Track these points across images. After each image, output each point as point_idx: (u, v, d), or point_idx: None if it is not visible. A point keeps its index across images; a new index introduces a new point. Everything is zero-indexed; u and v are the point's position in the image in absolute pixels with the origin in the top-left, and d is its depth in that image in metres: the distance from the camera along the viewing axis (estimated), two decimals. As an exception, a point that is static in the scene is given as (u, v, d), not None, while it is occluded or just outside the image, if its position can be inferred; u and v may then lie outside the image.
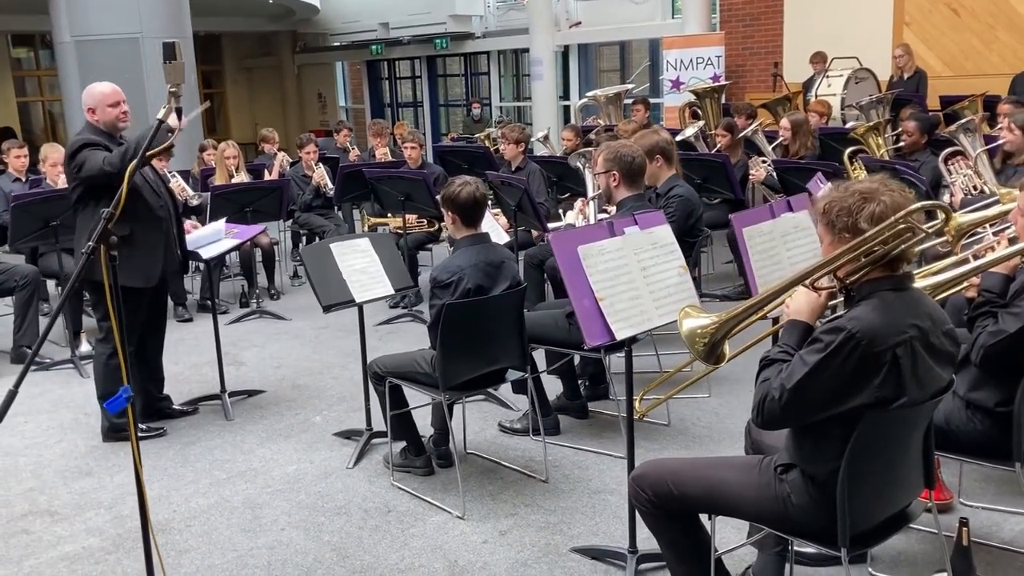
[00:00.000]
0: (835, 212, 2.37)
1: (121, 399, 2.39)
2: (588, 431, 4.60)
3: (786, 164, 6.31)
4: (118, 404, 2.39)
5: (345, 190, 7.64)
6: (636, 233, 3.09)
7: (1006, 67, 10.20)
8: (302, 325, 6.95)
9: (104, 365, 4.53)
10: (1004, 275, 2.94)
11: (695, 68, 12.60)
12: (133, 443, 2.51)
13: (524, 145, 7.05)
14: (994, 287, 2.93)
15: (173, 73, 2.45)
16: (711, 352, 2.58)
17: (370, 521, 3.77)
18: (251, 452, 4.55)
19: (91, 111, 4.38)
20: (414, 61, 19.01)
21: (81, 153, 4.24)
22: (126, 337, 4.58)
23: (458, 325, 3.66)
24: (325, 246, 4.34)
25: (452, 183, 3.78)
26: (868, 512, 2.42)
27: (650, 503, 2.70)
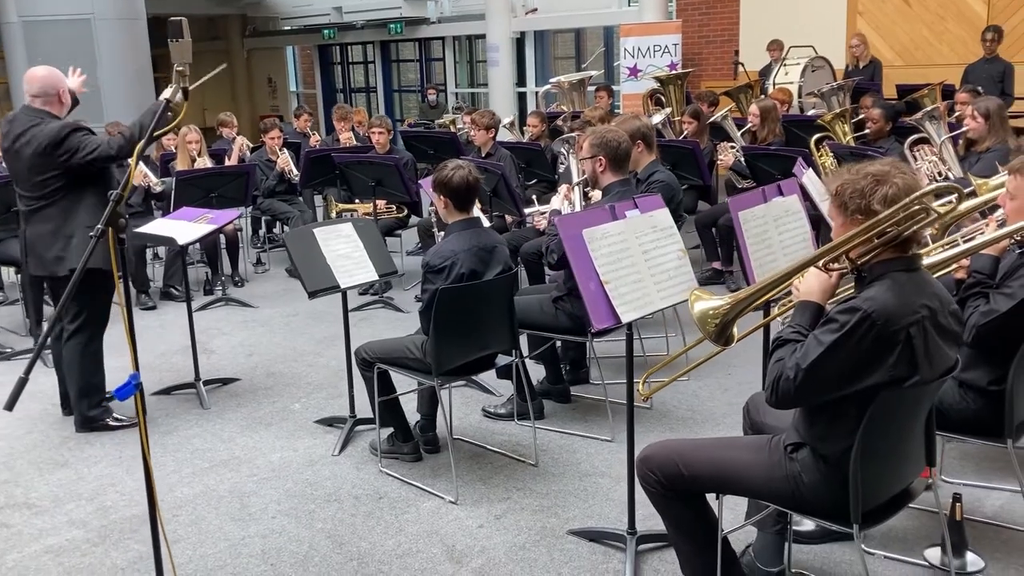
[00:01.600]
0: (848, 194, 2.41)
1: (130, 386, 2.33)
2: (572, 415, 4.62)
3: (756, 150, 6.39)
4: (127, 391, 2.33)
5: (311, 175, 7.54)
6: (637, 217, 3.11)
7: (955, 57, 10.45)
8: (270, 312, 6.86)
9: (81, 355, 4.41)
10: (993, 256, 3.02)
11: (652, 56, 12.67)
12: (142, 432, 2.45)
13: (494, 131, 7.03)
14: (984, 268, 3.01)
15: (180, 52, 2.38)
16: (721, 333, 2.60)
17: (362, 508, 3.74)
18: (232, 441, 4.48)
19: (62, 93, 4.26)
20: (367, 46, 18.81)
21: (73, 138, 4.12)
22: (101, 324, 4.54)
23: (452, 310, 3.64)
24: (309, 231, 4.29)
25: (444, 167, 3.75)
26: (877, 490, 2.48)
27: (659, 484, 2.72)
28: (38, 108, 4.27)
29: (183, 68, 2.40)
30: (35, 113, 4.28)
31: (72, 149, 4.14)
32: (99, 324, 4.50)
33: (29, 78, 4.30)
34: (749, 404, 3.11)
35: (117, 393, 2.38)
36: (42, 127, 4.17)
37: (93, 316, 4.43)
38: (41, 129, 4.18)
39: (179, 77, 2.40)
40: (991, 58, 9.15)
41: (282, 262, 8.43)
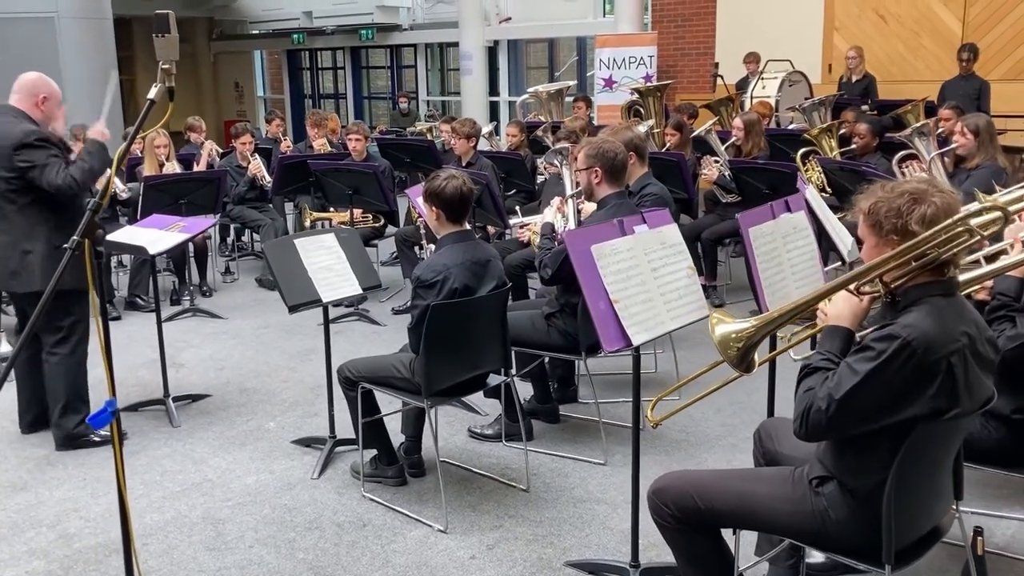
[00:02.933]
0: (883, 213, 2.27)
1: (106, 413, 2.11)
2: (561, 436, 4.45)
3: (743, 164, 6.28)
4: (103, 419, 2.11)
5: (284, 182, 7.30)
6: (646, 232, 2.95)
7: (930, 74, 10.48)
8: (240, 324, 6.60)
9: (65, 370, 4.16)
10: (1019, 278, 2.90)
11: (628, 67, 12.60)
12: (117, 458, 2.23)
13: (475, 140, 6.85)
14: (1009, 290, 2.89)
15: (166, 48, 2.18)
16: (743, 358, 2.45)
17: (345, 536, 3.53)
18: (204, 462, 4.24)
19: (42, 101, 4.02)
20: (336, 52, 18.56)
21: (39, 151, 3.88)
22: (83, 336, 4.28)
23: (443, 327, 3.45)
24: (289, 242, 4.07)
25: (437, 176, 3.56)
26: (910, 527, 2.33)
27: (673, 518, 2.56)
28: (13, 105, 4.04)
29: (169, 66, 2.20)
30: (9, 110, 4.04)
31: (32, 162, 3.92)
32: (81, 337, 4.26)
33: (20, 79, 4.08)
34: (761, 431, 2.96)
35: (91, 421, 2.17)
36: (12, 126, 3.93)
37: (74, 330, 4.21)
38: (11, 128, 3.94)
39: (165, 75, 2.19)
40: (967, 75, 9.15)
41: (251, 271, 8.18)
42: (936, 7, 10.47)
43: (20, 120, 3.98)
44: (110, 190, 2.16)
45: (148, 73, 20.22)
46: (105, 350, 2.28)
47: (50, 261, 4.04)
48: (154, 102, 2.21)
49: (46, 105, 4.11)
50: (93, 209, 2.06)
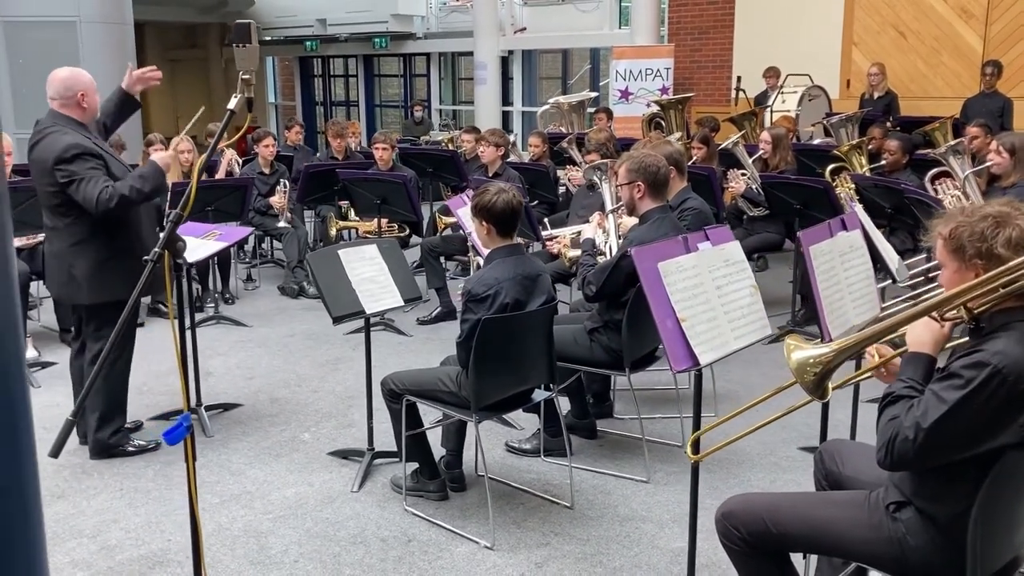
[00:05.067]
0: (966, 237, 2.24)
1: (181, 428, 2.08)
2: (600, 452, 4.41)
3: (774, 179, 6.25)
4: (178, 435, 2.08)
5: (309, 191, 7.28)
6: (709, 249, 2.92)
7: (949, 91, 10.48)
8: (266, 332, 6.57)
9: (104, 379, 4.11)
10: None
11: (644, 79, 12.61)
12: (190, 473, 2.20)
13: (504, 150, 6.83)
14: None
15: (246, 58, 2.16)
16: (819, 384, 2.40)
17: (391, 552, 3.49)
18: (241, 473, 4.20)
19: (81, 97, 3.99)
20: (348, 59, 18.57)
21: (78, 164, 3.84)
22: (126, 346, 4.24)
23: (493, 342, 3.42)
24: (333, 252, 4.04)
25: (486, 191, 3.53)
26: (993, 556, 2.29)
27: (743, 542, 2.52)
28: (57, 111, 4.01)
29: (249, 76, 2.18)
30: (55, 118, 4.01)
31: (71, 176, 3.87)
32: (124, 346, 4.22)
33: (50, 79, 4.03)
34: (823, 452, 2.92)
35: (167, 436, 2.13)
36: (55, 137, 3.89)
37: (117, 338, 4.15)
38: (53, 140, 3.90)
39: (244, 86, 2.17)
40: (990, 92, 9.16)
41: (273, 279, 8.15)
42: (957, 24, 10.47)
43: (66, 130, 3.94)
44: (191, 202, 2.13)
45: (159, 77, 20.22)
46: (182, 362, 2.25)
47: (96, 275, 4.01)
48: (234, 112, 2.18)
49: (87, 101, 4.07)
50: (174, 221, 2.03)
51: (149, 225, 4.35)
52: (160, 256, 2.05)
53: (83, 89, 4.00)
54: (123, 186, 3.92)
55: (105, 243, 4.02)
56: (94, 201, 3.87)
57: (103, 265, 4.02)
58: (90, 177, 3.90)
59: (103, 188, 3.87)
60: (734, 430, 2.99)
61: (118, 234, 4.06)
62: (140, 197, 3.98)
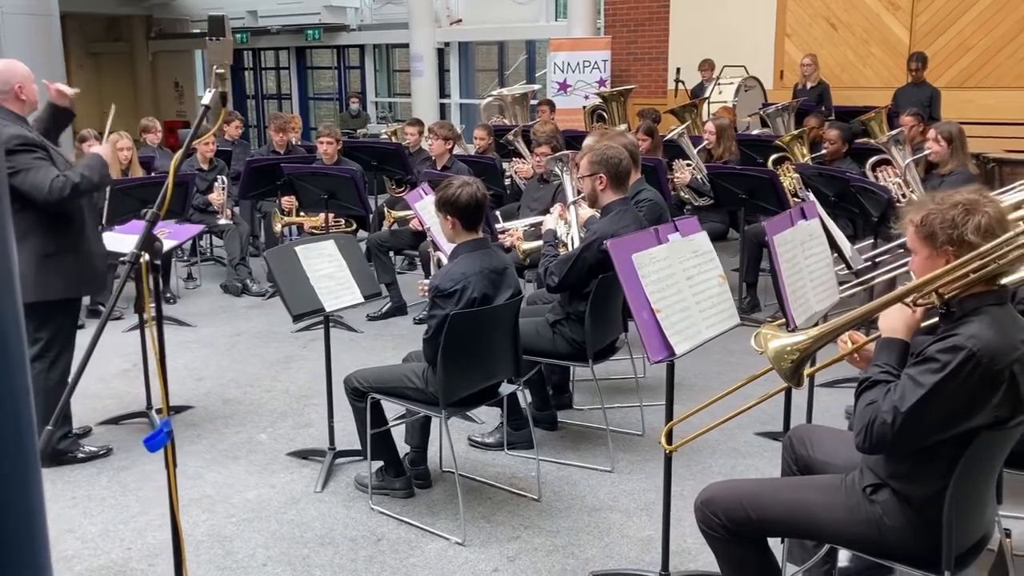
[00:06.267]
0: (937, 224, 2.29)
1: (161, 435, 2.02)
2: (563, 443, 4.43)
3: (720, 170, 6.34)
4: (158, 441, 2.02)
5: (252, 186, 7.13)
6: (679, 240, 2.94)
7: (878, 81, 10.77)
8: (211, 332, 6.43)
9: (45, 384, 3.95)
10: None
11: (582, 71, 12.65)
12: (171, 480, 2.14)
13: (452, 143, 6.79)
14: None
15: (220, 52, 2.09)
16: (795, 371, 2.45)
17: (361, 552, 3.45)
18: (199, 476, 4.10)
19: (19, 89, 3.83)
20: (280, 52, 18.24)
21: (22, 157, 3.69)
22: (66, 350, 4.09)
23: (461, 337, 3.40)
24: (290, 249, 3.96)
25: (450, 184, 3.50)
26: (966, 534, 2.37)
27: (723, 528, 2.56)
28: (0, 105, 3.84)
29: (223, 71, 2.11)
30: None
31: (15, 167, 3.72)
32: (64, 350, 4.07)
33: None
34: (792, 438, 2.98)
35: (147, 443, 2.06)
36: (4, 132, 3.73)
37: (56, 342, 4.01)
38: None
39: (218, 80, 2.10)
40: (919, 83, 9.45)
41: (215, 277, 7.97)
42: (885, 16, 10.75)
43: (6, 122, 3.79)
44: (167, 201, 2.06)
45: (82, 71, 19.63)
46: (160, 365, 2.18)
47: (39, 271, 3.86)
48: (209, 108, 2.11)
49: (25, 92, 3.91)
50: (151, 220, 1.96)
51: (93, 224, 4.21)
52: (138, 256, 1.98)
53: (20, 81, 3.85)
54: (74, 175, 3.81)
55: (49, 238, 3.88)
56: (46, 188, 3.74)
57: (46, 261, 3.88)
58: (38, 167, 3.77)
59: (55, 176, 3.75)
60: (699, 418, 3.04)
61: (62, 230, 3.93)
62: (90, 187, 3.88)
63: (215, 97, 2.11)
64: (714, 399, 2.90)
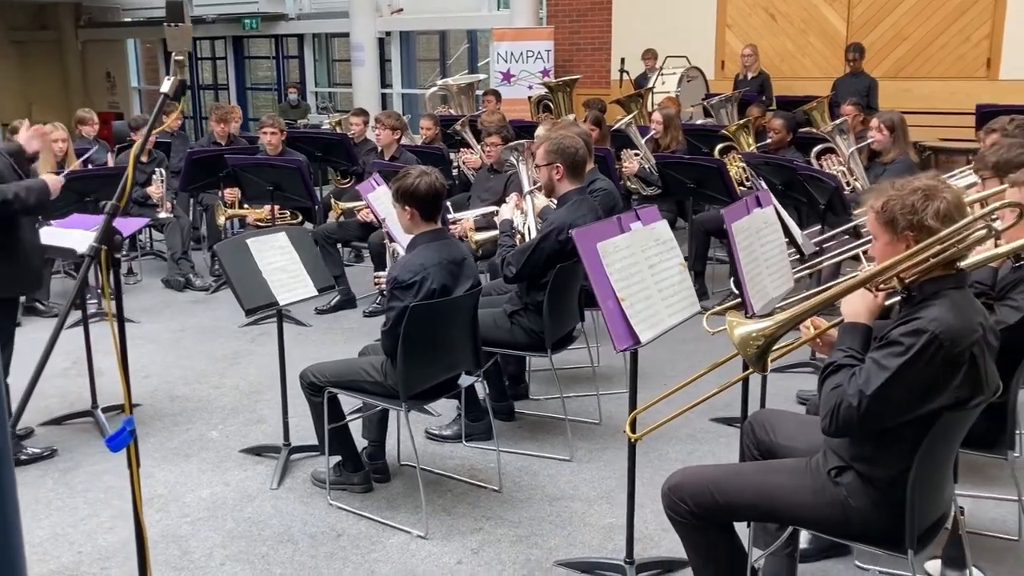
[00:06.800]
0: (897, 210, 2.33)
1: (124, 433, 1.95)
2: (521, 434, 4.42)
3: (668, 159, 6.39)
4: (121, 441, 1.95)
5: (193, 178, 6.97)
6: (641, 229, 2.95)
7: (817, 71, 10.96)
8: (155, 328, 6.27)
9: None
10: (993, 268, 3.05)
11: (525, 61, 12.63)
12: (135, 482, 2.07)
13: (400, 133, 6.72)
14: (986, 280, 3.03)
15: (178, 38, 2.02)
16: (761, 357, 2.47)
17: (321, 548, 3.39)
18: (150, 476, 4.00)
19: None
20: (216, 41, 17.84)
21: None
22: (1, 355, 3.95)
23: (421, 329, 3.36)
24: (241, 242, 3.88)
25: (407, 174, 3.45)
26: (928, 513, 2.42)
27: (691, 514, 2.58)
28: None
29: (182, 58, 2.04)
30: None
31: None
32: (3, 349, 3.93)
33: None
34: (753, 423, 3.01)
35: (109, 443, 1.99)
36: None
37: None
38: None
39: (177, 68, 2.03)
40: (857, 73, 9.63)
41: (156, 272, 7.78)
42: (822, 7, 10.93)
43: None
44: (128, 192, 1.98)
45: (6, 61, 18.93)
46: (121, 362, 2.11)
47: None
48: (168, 96, 2.04)
49: None
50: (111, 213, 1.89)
51: (28, 221, 4.09)
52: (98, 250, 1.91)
53: None
54: (8, 189, 3.72)
55: None
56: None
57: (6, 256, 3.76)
58: None
59: None
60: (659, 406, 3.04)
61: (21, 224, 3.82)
62: (23, 208, 3.85)
63: (174, 84, 2.04)
64: (678, 387, 2.90)
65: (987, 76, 10.02)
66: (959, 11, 10.12)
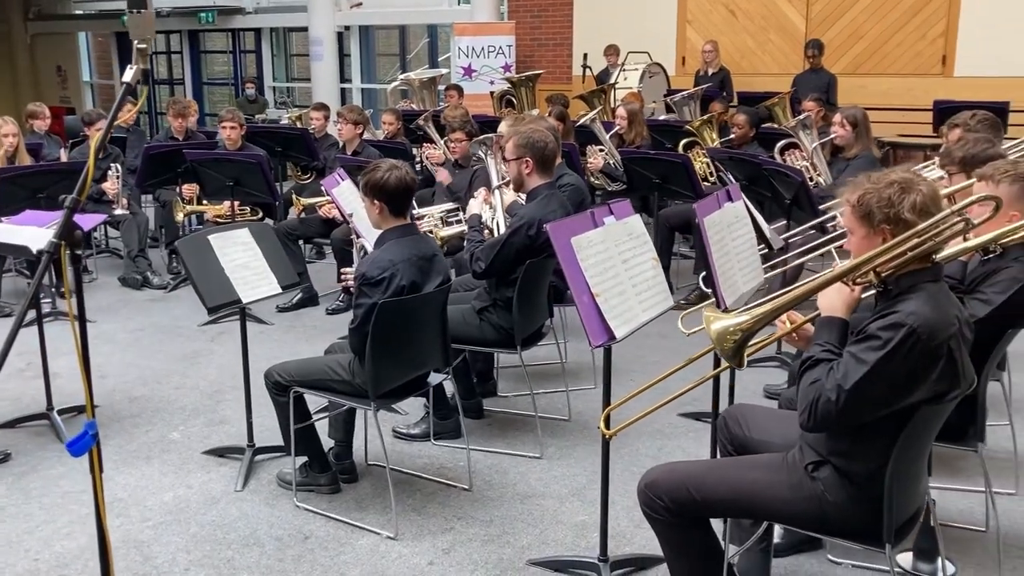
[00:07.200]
0: (874, 203, 2.32)
1: (86, 437, 1.86)
2: (490, 431, 4.37)
3: (633, 154, 6.37)
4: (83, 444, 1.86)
5: (150, 174, 6.81)
6: (614, 223, 2.91)
7: (777, 67, 11.05)
8: (112, 327, 6.11)
9: None
10: (962, 261, 3.06)
11: (487, 56, 12.56)
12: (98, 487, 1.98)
13: (363, 128, 6.62)
14: (955, 273, 3.05)
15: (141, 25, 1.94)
16: (738, 352, 2.45)
17: (288, 551, 3.32)
18: (109, 479, 3.87)
19: None
20: (171, 35, 17.52)
21: None
22: None
23: (390, 326, 3.30)
24: (203, 238, 3.77)
25: (377, 168, 3.39)
26: (905, 507, 2.42)
27: (667, 511, 2.55)
28: None
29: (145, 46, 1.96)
30: None
31: None
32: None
33: None
34: (727, 418, 2.99)
35: (71, 448, 1.90)
36: None
37: None
38: None
39: (140, 56, 1.95)
40: (817, 69, 9.72)
41: (112, 270, 7.60)
42: (781, 4, 11.01)
43: None
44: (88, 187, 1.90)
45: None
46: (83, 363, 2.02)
47: None
48: (131, 86, 1.96)
49: None
50: (71, 207, 1.81)
51: None
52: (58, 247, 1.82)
53: None
54: None
55: None
56: None
57: None
58: None
59: None
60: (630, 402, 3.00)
61: None
62: None
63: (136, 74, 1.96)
64: (653, 382, 2.87)
65: (942, 73, 10.17)
66: (914, 9, 10.26)
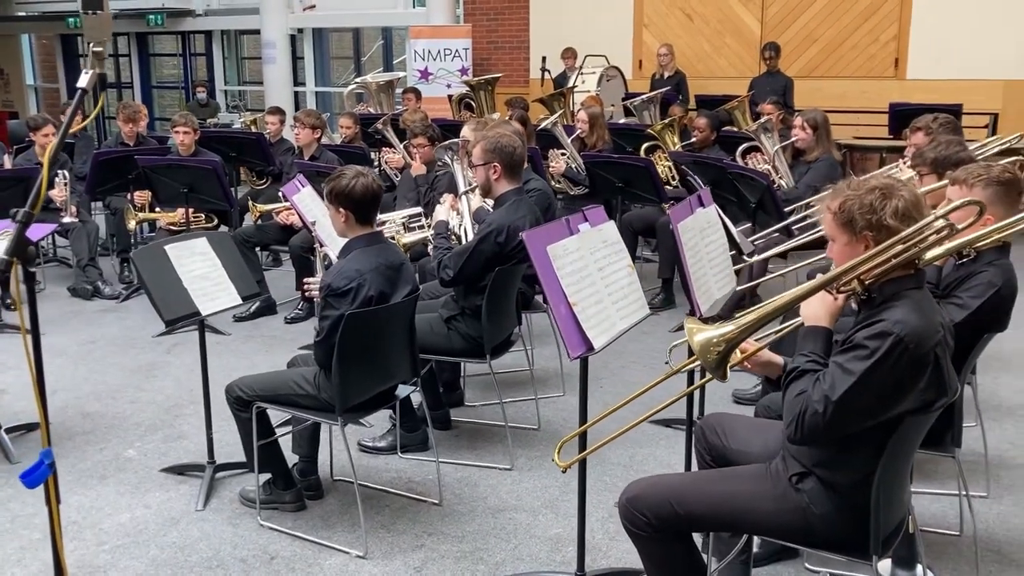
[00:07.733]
0: (856, 210, 2.28)
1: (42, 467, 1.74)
2: (458, 443, 4.28)
3: (597, 159, 6.32)
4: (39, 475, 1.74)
5: (100, 181, 6.60)
6: (589, 231, 2.84)
7: (733, 71, 11.12)
8: (62, 340, 5.90)
9: None
10: (938, 266, 3.05)
11: (443, 59, 12.47)
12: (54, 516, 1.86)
13: (320, 132, 6.49)
14: (931, 278, 3.03)
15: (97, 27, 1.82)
16: (721, 363, 2.39)
17: (254, 572, 3.20)
18: (63, 501, 3.58)
19: None
20: (118, 37, 17.11)
21: None
22: None
23: (357, 338, 3.20)
24: (159, 248, 3.63)
25: (342, 175, 3.28)
26: (891, 517, 2.38)
27: (649, 526, 2.48)
28: None
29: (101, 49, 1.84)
30: None
31: None
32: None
33: None
34: (704, 427, 2.94)
35: (24, 479, 1.78)
36: None
37: None
38: None
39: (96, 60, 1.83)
40: (773, 72, 9.79)
41: (61, 280, 7.35)
42: (737, 7, 11.08)
43: None
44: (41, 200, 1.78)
45: None
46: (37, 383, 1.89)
47: None
48: (86, 91, 1.84)
49: None
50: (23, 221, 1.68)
51: None
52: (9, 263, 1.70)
53: None
54: None
55: None
56: None
57: None
58: None
59: None
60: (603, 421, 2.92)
61: None
62: None
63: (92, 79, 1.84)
64: (630, 398, 2.79)
65: (895, 76, 10.32)
66: (867, 13, 10.40)
